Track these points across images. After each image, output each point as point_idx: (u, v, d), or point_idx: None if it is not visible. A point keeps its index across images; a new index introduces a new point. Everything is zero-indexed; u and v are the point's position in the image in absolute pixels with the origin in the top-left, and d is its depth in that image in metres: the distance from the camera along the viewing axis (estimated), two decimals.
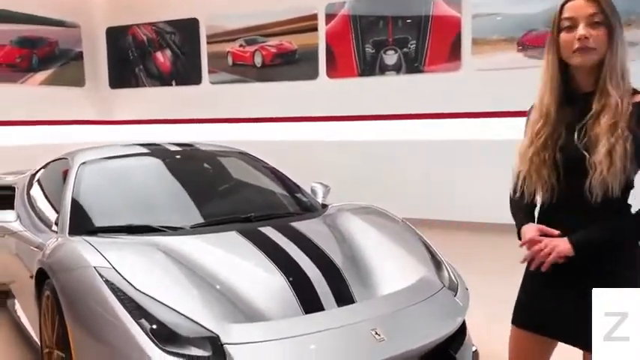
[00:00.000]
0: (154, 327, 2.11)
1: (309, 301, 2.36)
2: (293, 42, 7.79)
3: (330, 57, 7.55)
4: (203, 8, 8.32)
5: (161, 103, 8.78)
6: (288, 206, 3.46)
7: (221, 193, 3.58)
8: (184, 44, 8.58)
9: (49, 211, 3.32)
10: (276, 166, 3.91)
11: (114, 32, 9.07)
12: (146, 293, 2.21)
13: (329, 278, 2.49)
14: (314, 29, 7.60)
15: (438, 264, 2.84)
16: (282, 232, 2.82)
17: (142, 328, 2.10)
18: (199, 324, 2.11)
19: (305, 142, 7.66)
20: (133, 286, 2.24)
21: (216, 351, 2.05)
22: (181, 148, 3.79)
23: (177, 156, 3.75)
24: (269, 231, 2.81)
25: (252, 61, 8.06)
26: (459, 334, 2.52)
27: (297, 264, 2.55)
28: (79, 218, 2.97)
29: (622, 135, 1.63)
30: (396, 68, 7.21)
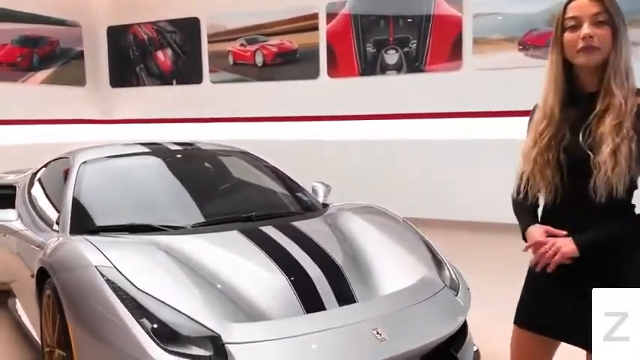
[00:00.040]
0: (155, 326, 2.11)
1: (311, 301, 2.36)
2: (294, 41, 7.78)
3: (330, 56, 7.54)
4: (204, 7, 8.31)
5: (162, 103, 8.77)
6: (289, 205, 3.46)
7: (222, 192, 3.58)
8: (185, 43, 8.57)
9: (50, 210, 3.31)
10: (277, 166, 3.91)
11: (115, 31, 9.06)
12: (147, 292, 2.21)
13: (330, 278, 2.49)
14: (315, 28, 7.59)
15: (439, 263, 2.84)
16: (283, 231, 2.81)
17: (143, 327, 2.10)
18: (200, 323, 2.11)
19: (306, 141, 7.65)
20: (134, 285, 2.24)
21: (218, 350, 2.05)
22: (182, 147, 3.79)
23: (178, 155, 3.75)
24: (270, 230, 2.81)
25: (253, 61, 8.05)
26: (460, 334, 2.51)
27: (299, 263, 2.55)
28: (80, 217, 2.97)
29: (627, 135, 1.62)
30: (397, 68, 7.20)
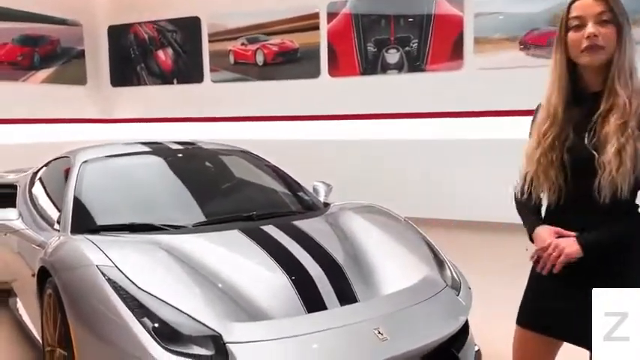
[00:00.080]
0: (157, 326, 2.10)
1: (312, 300, 2.35)
2: (295, 41, 7.77)
3: (331, 56, 7.53)
4: (205, 7, 8.31)
5: (163, 102, 8.77)
6: (290, 205, 3.46)
7: (223, 191, 3.58)
8: (186, 42, 8.57)
9: (51, 209, 3.31)
10: (278, 165, 3.91)
11: (116, 30, 9.06)
12: (148, 292, 2.21)
13: (331, 277, 2.49)
14: (316, 28, 7.58)
15: (440, 263, 2.84)
16: (284, 230, 2.81)
17: (144, 326, 2.10)
18: (202, 323, 2.11)
19: (306, 140, 7.64)
20: (135, 284, 2.24)
21: (219, 350, 2.05)
22: (183, 146, 3.79)
23: (179, 154, 3.75)
24: (271, 230, 2.81)
25: (254, 60, 8.05)
26: (461, 333, 2.51)
27: (300, 263, 2.55)
28: (81, 217, 2.97)
29: (632, 135, 1.62)
30: (398, 67, 7.19)
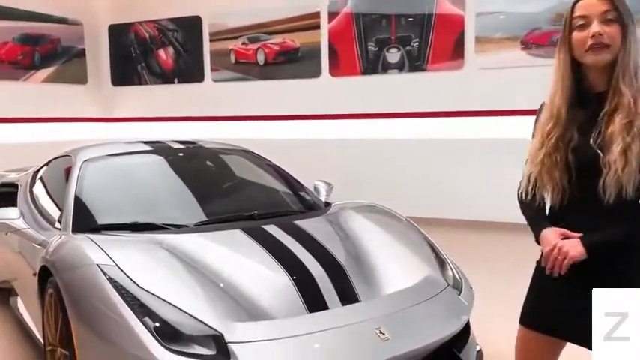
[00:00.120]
0: (158, 325, 2.10)
1: (313, 300, 2.35)
2: (296, 40, 7.76)
3: (332, 55, 7.52)
4: (206, 6, 8.30)
5: (163, 101, 8.76)
6: (291, 204, 3.45)
7: (224, 191, 3.57)
8: (187, 42, 8.56)
9: (52, 208, 3.31)
10: (279, 164, 3.90)
11: (116, 30, 9.05)
12: (150, 291, 2.21)
13: (333, 277, 2.49)
14: (317, 27, 7.57)
15: (442, 263, 2.84)
16: (285, 230, 2.81)
17: (145, 326, 2.10)
18: (203, 322, 2.11)
19: (307, 140, 7.64)
20: (136, 283, 2.24)
21: (220, 349, 2.05)
22: (184, 145, 3.79)
23: (180, 154, 3.75)
24: (273, 229, 2.81)
25: (255, 59, 8.04)
26: (463, 333, 2.51)
27: (301, 262, 2.55)
28: (82, 216, 2.97)
29: (638, 134, 1.61)
30: (399, 66, 7.18)
